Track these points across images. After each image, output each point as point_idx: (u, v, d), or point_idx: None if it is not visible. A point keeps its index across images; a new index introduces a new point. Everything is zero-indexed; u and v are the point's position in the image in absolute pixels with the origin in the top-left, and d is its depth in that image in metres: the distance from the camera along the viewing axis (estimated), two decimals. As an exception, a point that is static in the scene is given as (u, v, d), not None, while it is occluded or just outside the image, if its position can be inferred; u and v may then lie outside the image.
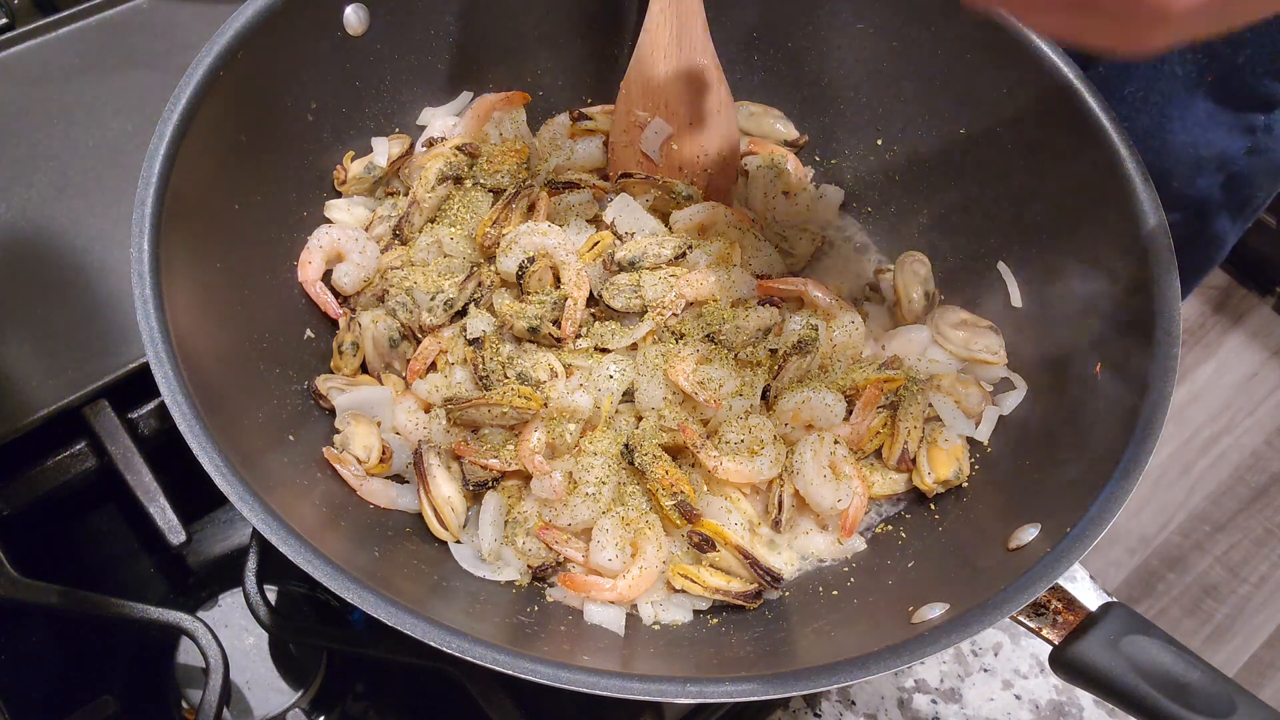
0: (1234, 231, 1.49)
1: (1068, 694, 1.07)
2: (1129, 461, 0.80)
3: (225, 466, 0.74)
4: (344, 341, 1.01)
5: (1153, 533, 2.68)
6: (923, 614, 0.80)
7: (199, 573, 1.09)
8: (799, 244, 1.11)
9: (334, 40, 1.01)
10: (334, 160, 1.07)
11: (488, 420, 0.95)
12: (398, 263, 1.05)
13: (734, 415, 0.96)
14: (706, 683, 0.71)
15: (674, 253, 1.02)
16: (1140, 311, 0.89)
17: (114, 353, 1.01)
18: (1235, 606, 2.58)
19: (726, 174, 1.13)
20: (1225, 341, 3.00)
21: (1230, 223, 1.46)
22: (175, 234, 0.83)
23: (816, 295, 1.04)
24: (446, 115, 1.14)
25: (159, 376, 0.76)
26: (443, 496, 0.93)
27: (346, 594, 0.71)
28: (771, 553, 0.96)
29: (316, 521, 0.84)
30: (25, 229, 1.06)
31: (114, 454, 0.98)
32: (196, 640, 0.89)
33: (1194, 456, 2.80)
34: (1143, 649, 0.73)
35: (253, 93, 0.94)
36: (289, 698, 0.97)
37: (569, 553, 0.93)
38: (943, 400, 1.01)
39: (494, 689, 0.88)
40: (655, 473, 0.93)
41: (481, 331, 0.98)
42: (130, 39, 1.17)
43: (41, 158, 1.09)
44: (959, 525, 0.95)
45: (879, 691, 1.06)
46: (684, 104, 1.10)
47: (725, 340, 0.98)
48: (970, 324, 1.06)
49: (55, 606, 0.92)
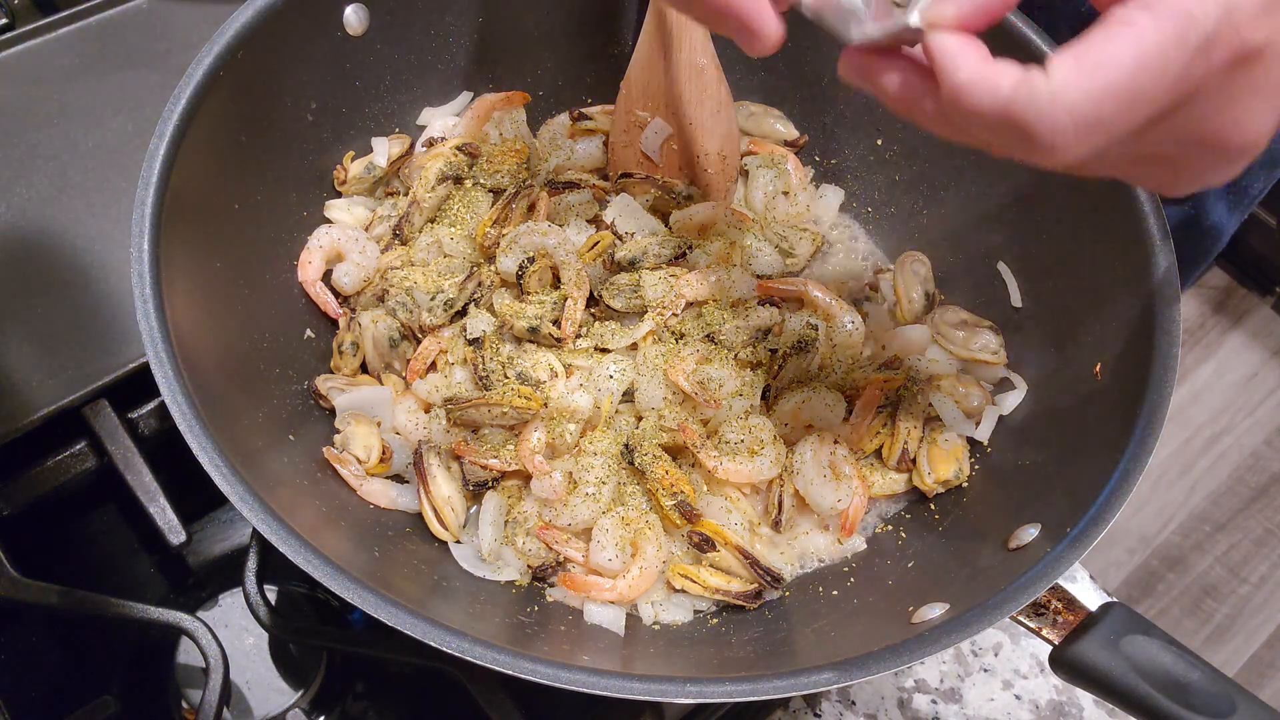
0: (1231, 223, 1.49)
1: (1068, 694, 1.07)
2: (1129, 461, 0.80)
3: (225, 466, 0.74)
4: (344, 341, 1.01)
5: (1153, 533, 2.68)
6: (923, 614, 0.80)
7: (199, 573, 1.09)
8: (799, 244, 1.11)
9: (334, 40, 1.01)
10: (334, 160, 1.07)
11: (488, 420, 0.95)
12: (398, 263, 1.05)
13: (734, 415, 0.96)
14: (706, 683, 0.71)
15: (674, 253, 1.02)
16: (1140, 311, 0.89)
17: (114, 353, 1.01)
18: (1235, 606, 2.58)
19: (726, 174, 1.13)
20: (1225, 341, 3.00)
21: (1227, 214, 1.46)
22: (175, 234, 0.83)
23: (816, 295, 1.04)
24: (446, 115, 1.14)
25: (159, 376, 0.76)
26: (443, 496, 0.93)
27: (346, 594, 0.71)
28: (771, 553, 0.96)
29: (316, 521, 0.84)
30: (25, 229, 1.06)
31: (114, 454, 0.98)
32: (196, 640, 0.89)
33: (1194, 456, 2.80)
34: (1143, 649, 0.73)
35: (253, 93, 0.94)
36: (289, 698, 0.97)
37: (569, 553, 0.93)
38: (943, 400, 1.01)
39: (494, 689, 0.88)
40: (655, 473, 0.93)
41: (481, 331, 0.98)
42: (130, 39, 1.17)
43: (41, 158, 1.09)
44: (959, 525, 0.95)
45: (879, 691, 1.06)
46: (684, 104, 1.10)
47: (725, 340, 0.98)
48: (970, 324, 1.06)
49: (55, 606, 0.92)
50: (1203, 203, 1.43)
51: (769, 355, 0.99)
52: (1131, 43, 0.54)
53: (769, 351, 0.99)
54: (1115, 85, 0.54)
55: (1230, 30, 0.55)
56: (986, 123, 0.56)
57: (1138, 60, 0.54)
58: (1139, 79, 0.54)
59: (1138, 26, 0.54)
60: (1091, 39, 0.55)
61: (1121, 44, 0.54)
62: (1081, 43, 0.55)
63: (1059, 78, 0.54)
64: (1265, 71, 0.57)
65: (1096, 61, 0.54)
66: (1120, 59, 0.54)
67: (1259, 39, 0.56)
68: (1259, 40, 0.56)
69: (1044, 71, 0.54)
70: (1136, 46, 0.54)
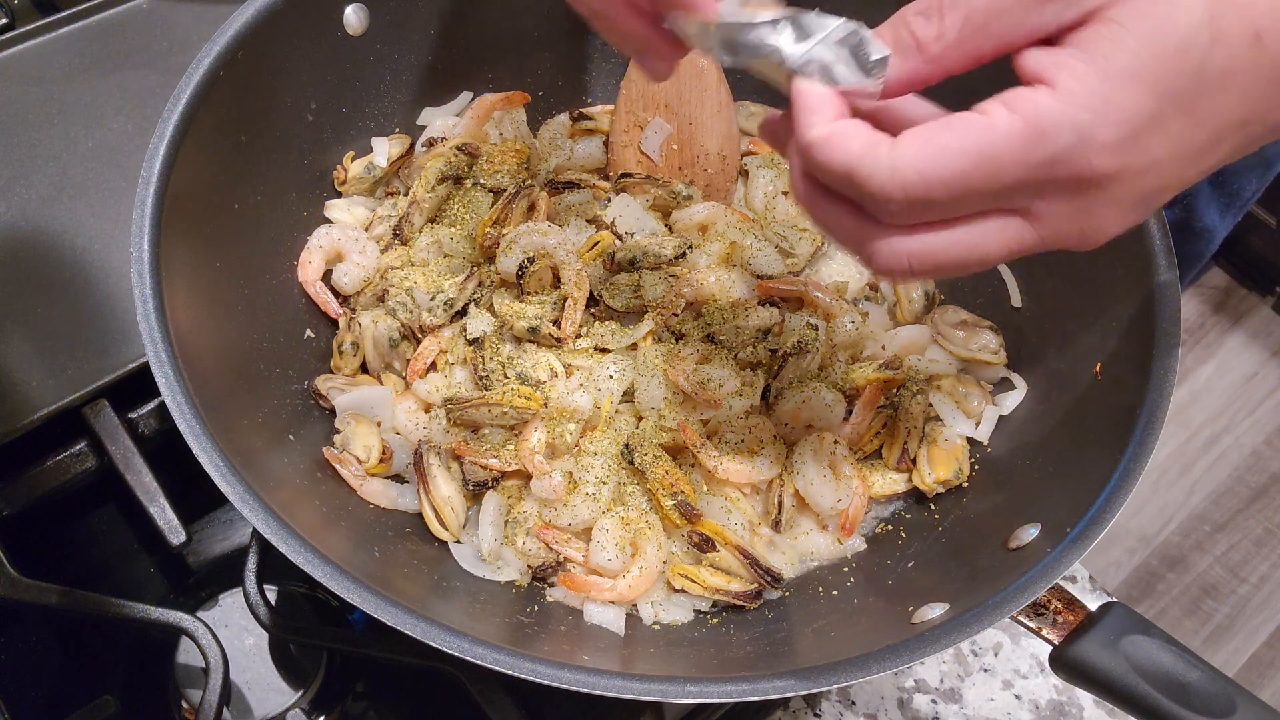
0: (1224, 225, 1.49)
1: (1068, 694, 1.07)
2: (1129, 461, 0.80)
3: (225, 466, 0.74)
4: (344, 341, 1.01)
5: (1153, 533, 2.68)
6: (923, 614, 0.80)
7: (199, 573, 1.09)
8: (799, 244, 1.11)
9: (334, 40, 1.01)
10: (334, 160, 1.07)
11: (488, 420, 0.95)
12: (398, 263, 1.05)
13: (734, 415, 0.96)
14: (706, 683, 0.71)
15: (674, 253, 1.02)
16: (1140, 311, 0.89)
17: (114, 353, 1.01)
18: (1235, 606, 2.58)
19: (726, 174, 1.13)
20: (1225, 341, 3.00)
21: (1219, 216, 1.47)
22: (175, 234, 0.83)
23: (816, 295, 1.04)
24: (446, 115, 1.14)
25: (159, 376, 0.76)
26: (443, 496, 0.93)
27: (346, 594, 0.71)
28: (771, 553, 0.96)
29: (316, 521, 0.84)
30: (25, 229, 1.06)
31: (114, 454, 0.98)
32: (196, 640, 0.89)
33: (1194, 456, 2.80)
34: (1143, 649, 0.73)
35: (253, 93, 0.94)
36: (289, 698, 0.97)
37: (569, 553, 0.93)
38: (943, 400, 1.01)
39: (494, 689, 0.88)
40: (655, 473, 0.93)
41: (481, 331, 0.98)
42: (130, 39, 1.17)
43: (41, 158, 1.09)
44: (959, 525, 0.95)
45: (879, 691, 1.06)
46: (684, 104, 1.10)
47: (725, 340, 0.98)
48: (970, 324, 1.06)
49: (55, 606, 0.92)
50: (1194, 206, 1.43)
51: (769, 355, 0.99)
52: (976, 138, 0.55)
53: (769, 351, 0.99)
54: (946, 173, 0.55)
55: (1080, 157, 0.54)
56: (834, 177, 0.58)
57: (976, 156, 0.54)
58: (970, 174, 0.55)
59: (990, 123, 0.55)
60: (950, 121, 0.56)
61: (967, 136, 0.55)
62: (939, 122, 0.56)
63: (900, 152, 0.55)
64: (1121, 191, 0.57)
65: (940, 145, 0.55)
66: (960, 149, 0.55)
67: (1111, 168, 0.55)
68: (1110, 169, 0.55)
69: (894, 142, 0.56)
70: (979, 143, 0.54)
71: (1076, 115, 0.53)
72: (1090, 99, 0.53)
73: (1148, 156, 0.55)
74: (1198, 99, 0.55)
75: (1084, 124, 0.53)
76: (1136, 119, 0.54)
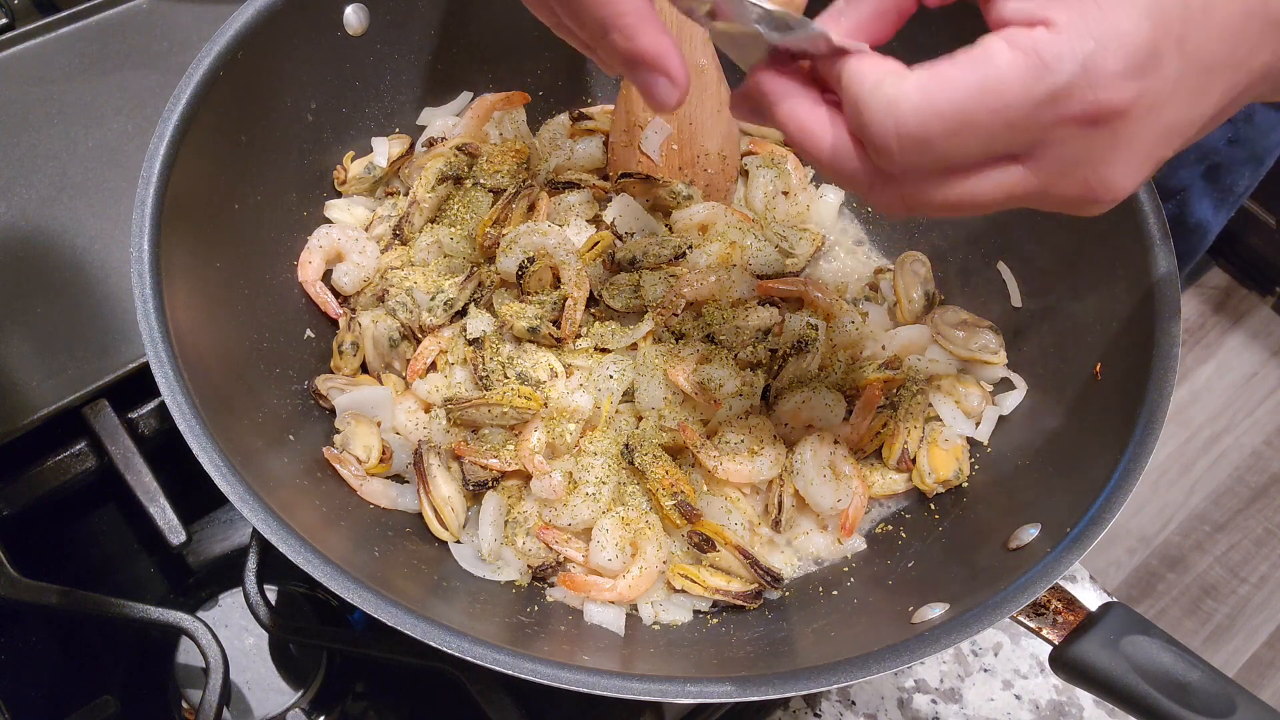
0: (1217, 221, 1.49)
1: (1068, 694, 1.07)
2: (1129, 461, 0.80)
3: (225, 466, 0.74)
4: (344, 341, 1.01)
5: (1153, 533, 2.68)
6: (923, 614, 0.80)
7: (199, 573, 1.09)
8: (799, 244, 1.11)
9: (334, 40, 1.01)
10: (334, 160, 1.07)
11: (488, 420, 0.95)
12: (398, 263, 1.05)
13: (734, 415, 0.96)
14: (706, 683, 0.71)
15: (674, 253, 1.02)
16: (1140, 311, 0.89)
17: (114, 353, 1.01)
18: (1235, 606, 2.58)
19: (726, 174, 1.13)
20: (1225, 341, 3.00)
21: (1213, 212, 1.46)
22: (175, 234, 0.83)
23: (816, 295, 1.04)
24: (446, 115, 1.14)
25: (159, 376, 0.76)
26: (443, 496, 0.93)
27: (346, 594, 0.71)
28: (771, 553, 0.96)
29: (316, 521, 0.84)
30: (25, 229, 1.06)
31: (114, 454, 0.98)
32: (196, 640, 0.89)
33: (1194, 456, 2.80)
34: (1143, 649, 0.73)
35: (253, 93, 0.94)
36: (289, 698, 0.97)
37: (569, 553, 0.93)
38: (943, 400, 1.01)
39: (494, 689, 0.88)
40: (655, 473, 0.93)
41: (481, 331, 0.98)
42: (130, 39, 1.17)
43: (41, 158, 1.09)
44: (959, 525, 0.95)
45: (879, 691, 1.06)
46: (684, 104, 1.10)
47: (725, 340, 0.98)
48: (970, 324, 1.06)
49: (55, 606, 0.92)
50: (1188, 200, 1.43)
51: (769, 355, 0.99)
52: (978, 72, 0.53)
53: (769, 351, 0.99)
54: (945, 108, 0.54)
55: (1086, 88, 0.52)
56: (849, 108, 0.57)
57: (977, 90, 0.53)
58: (970, 109, 0.53)
59: (991, 58, 0.53)
60: (955, 57, 0.55)
61: (968, 70, 0.54)
62: (946, 59, 0.55)
63: (903, 87, 0.54)
64: (1129, 131, 0.55)
65: (942, 81, 0.54)
66: (961, 84, 0.53)
67: (1120, 100, 0.53)
68: (1120, 101, 0.53)
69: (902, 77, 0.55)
70: (981, 77, 0.53)
71: (1079, 44, 0.52)
72: (1092, 26, 0.52)
73: (1154, 89, 0.54)
74: (1186, 29, 0.53)
75: (1088, 52, 0.52)
76: (1140, 47, 0.52)
